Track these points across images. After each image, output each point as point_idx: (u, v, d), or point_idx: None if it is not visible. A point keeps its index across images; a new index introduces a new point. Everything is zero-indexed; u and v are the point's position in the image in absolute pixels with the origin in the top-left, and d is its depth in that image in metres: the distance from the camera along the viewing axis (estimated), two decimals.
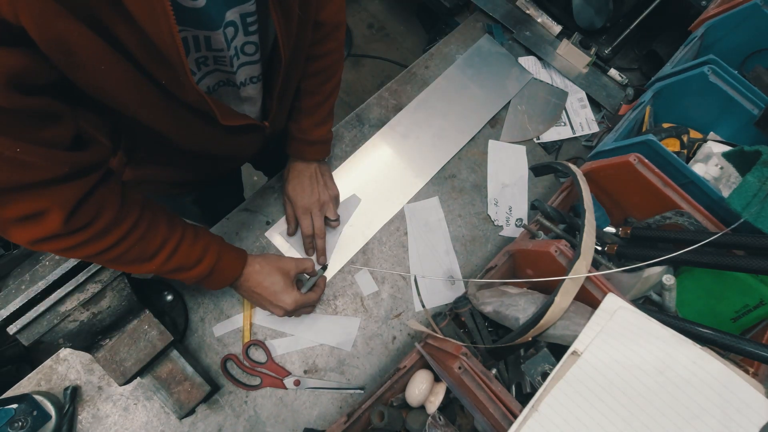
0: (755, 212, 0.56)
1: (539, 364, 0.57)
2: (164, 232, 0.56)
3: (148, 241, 0.54)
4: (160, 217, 0.57)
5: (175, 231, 0.57)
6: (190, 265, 0.59)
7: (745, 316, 0.62)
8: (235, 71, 0.53)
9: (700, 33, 0.87)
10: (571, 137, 1.01)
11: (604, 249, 0.66)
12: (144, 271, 0.56)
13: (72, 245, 0.48)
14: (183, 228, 0.59)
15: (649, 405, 0.46)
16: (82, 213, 0.47)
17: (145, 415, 0.69)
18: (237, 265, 0.65)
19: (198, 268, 0.60)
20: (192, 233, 0.60)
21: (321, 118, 0.76)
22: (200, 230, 0.62)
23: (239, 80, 0.55)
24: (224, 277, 0.64)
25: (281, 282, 0.68)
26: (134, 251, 0.53)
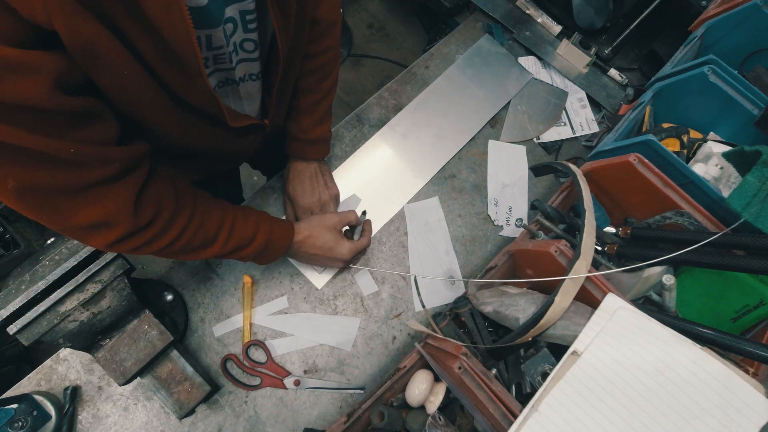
0: (755, 212, 0.56)
1: (539, 364, 0.57)
2: (219, 215, 0.58)
3: (208, 225, 0.56)
4: (210, 201, 0.59)
5: (227, 212, 0.60)
6: (246, 242, 0.61)
7: (745, 316, 0.61)
8: (233, 67, 0.53)
9: (700, 33, 0.87)
10: (571, 137, 1.01)
11: (604, 249, 0.66)
12: (207, 256, 0.58)
13: (144, 242, 0.50)
14: (233, 208, 0.62)
15: (649, 405, 0.46)
16: (145, 208, 0.49)
17: (145, 415, 0.69)
18: (288, 234, 0.68)
19: (254, 243, 0.62)
20: (241, 211, 0.62)
21: (320, 117, 0.76)
22: (246, 208, 0.64)
23: (238, 76, 0.55)
24: (279, 246, 0.67)
25: (333, 237, 0.72)
26: (198, 237, 0.56)
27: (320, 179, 0.81)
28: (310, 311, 0.78)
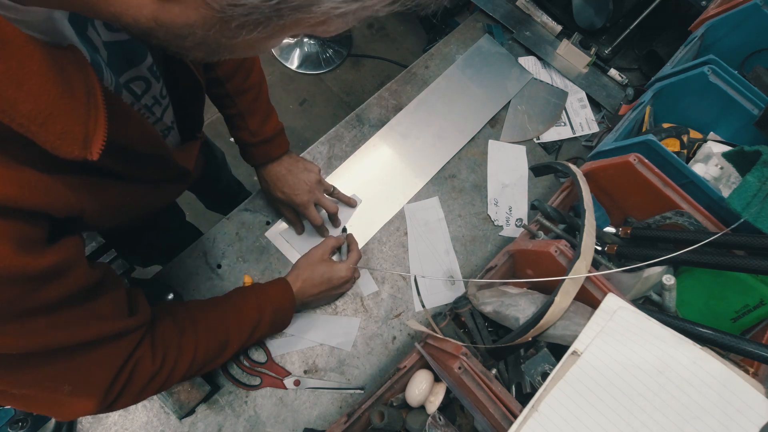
0: (755, 212, 0.56)
1: (539, 364, 0.57)
2: (221, 318, 0.58)
3: (215, 333, 0.57)
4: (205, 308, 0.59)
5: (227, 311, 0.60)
6: (256, 322, 0.62)
7: (745, 316, 0.61)
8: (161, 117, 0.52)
9: (700, 33, 0.87)
10: (571, 137, 1.01)
11: (604, 249, 0.66)
12: (230, 355, 0.59)
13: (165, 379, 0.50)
14: (228, 302, 0.62)
15: (649, 405, 0.46)
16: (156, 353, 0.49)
17: (145, 415, 0.69)
18: (286, 290, 0.68)
19: (264, 320, 0.63)
20: (236, 299, 0.62)
21: (264, 113, 0.75)
22: (236, 293, 0.64)
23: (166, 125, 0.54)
24: (286, 307, 0.67)
25: (325, 268, 0.72)
26: (213, 349, 0.56)
27: (298, 168, 0.79)
28: (310, 311, 0.78)
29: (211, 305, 0.60)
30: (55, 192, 0.32)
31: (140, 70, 0.44)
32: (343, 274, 0.73)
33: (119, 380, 0.44)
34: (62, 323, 0.36)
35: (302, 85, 2.00)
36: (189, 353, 0.53)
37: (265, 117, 0.75)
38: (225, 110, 0.73)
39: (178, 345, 0.52)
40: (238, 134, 0.75)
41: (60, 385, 0.39)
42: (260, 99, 0.74)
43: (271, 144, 0.76)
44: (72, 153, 0.29)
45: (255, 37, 0.28)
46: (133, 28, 0.26)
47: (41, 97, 0.27)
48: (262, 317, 0.63)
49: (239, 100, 0.71)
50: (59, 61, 0.28)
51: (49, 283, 0.33)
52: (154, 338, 0.49)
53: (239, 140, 0.76)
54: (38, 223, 0.32)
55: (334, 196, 0.84)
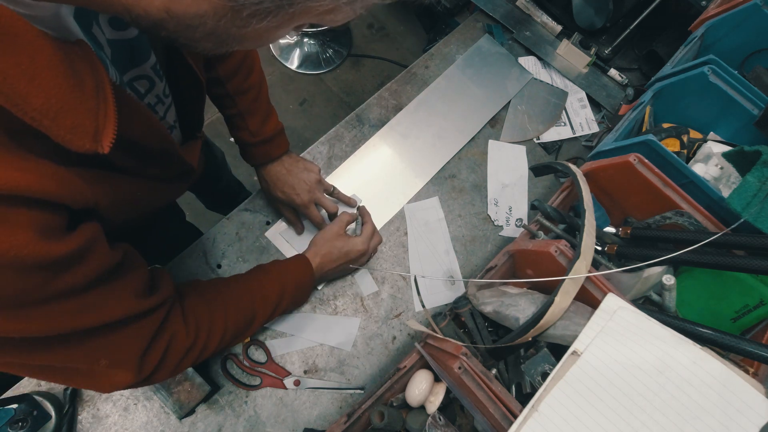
0: (755, 212, 0.56)
1: (539, 364, 0.57)
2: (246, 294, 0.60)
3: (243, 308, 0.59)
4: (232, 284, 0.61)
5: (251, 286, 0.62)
6: (279, 297, 0.64)
7: (745, 316, 0.61)
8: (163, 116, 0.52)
9: (700, 33, 0.87)
10: (571, 137, 1.01)
11: (604, 249, 0.66)
12: (256, 329, 0.62)
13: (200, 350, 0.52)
14: (253, 279, 0.64)
15: (649, 405, 0.46)
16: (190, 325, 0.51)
17: (145, 415, 0.69)
18: (307, 266, 0.70)
19: (287, 295, 0.65)
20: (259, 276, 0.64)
21: (264, 113, 0.75)
22: (259, 270, 0.66)
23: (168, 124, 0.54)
24: (307, 283, 0.69)
25: (342, 243, 0.73)
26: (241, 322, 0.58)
27: (298, 168, 0.79)
28: (310, 311, 0.78)
29: (236, 282, 0.62)
30: (71, 183, 0.32)
31: (144, 68, 0.44)
32: (360, 247, 0.74)
33: (153, 354, 0.45)
34: (86, 305, 0.37)
35: (302, 85, 2.00)
36: (220, 327, 0.55)
37: (265, 117, 0.75)
38: (225, 110, 0.73)
39: (210, 319, 0.54)
40: (238, 134, 0.75)
41: (96, 359, 0.40)
42: (260, 99, 0.74)
43: (271, 144, 0.76)
44: (83, 146, 0.29)
45: (265, 27, 0.28)
46: (143, 20, 0.27)
47: (52, 91, 0.27)
48: (285, 293, 0.65)
49: (239, 99, 0.71)
50: (69, 56, 0.29)
51: (72, 267, 0.34)
52: (185, 314, 0.51)
53: (239, 140, 0.76)
54: (58, 211, 0.32)
55: (334, 196, 0.84)
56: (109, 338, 0.41)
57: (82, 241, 0.34)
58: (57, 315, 0.35)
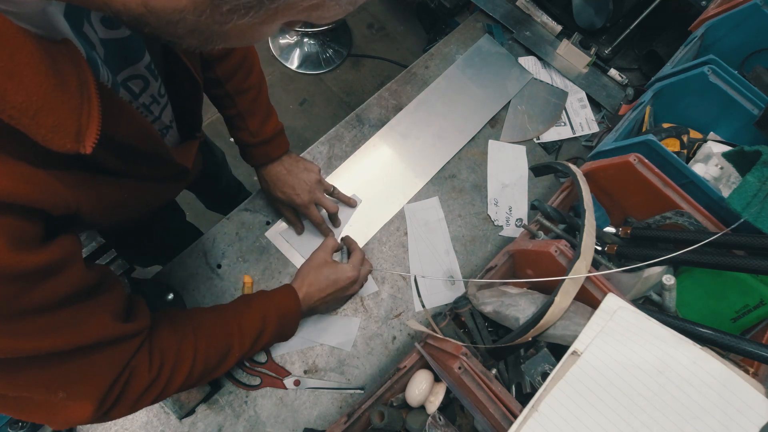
0: (755, 212, 0.56)
1: (539, 364, 0.57)
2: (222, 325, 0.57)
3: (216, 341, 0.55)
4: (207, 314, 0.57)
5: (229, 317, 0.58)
6: (260, 331, 0.60)
7: (745, 316, 0.62)
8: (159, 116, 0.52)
9: (700, 33, 0.87)
10: (571, 137, 1.01)
11: (604, 249, 0.66)
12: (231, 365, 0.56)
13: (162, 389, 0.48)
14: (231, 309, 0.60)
15: (649, 405, 0.46)
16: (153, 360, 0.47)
17: (145, 415, 0.69)
18: (292, 297, 0.66)
19: (269, 328, 0.61)
20: (240, 307, 0.61)
21: (264, 113, 0.74)
22: (241, 300, 0.63)
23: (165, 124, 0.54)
24: (292, 315, 0.65)
25: (330, 270, 0.70)
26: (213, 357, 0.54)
27: (298, 168, 0.78)
28: None
29: (213, 312, 0.58)
30: (50, 187, 0.31)
31: (138, 68, 0.44)
32: (350, 274, 0.71)
33: (115, 388, 0.42)
34: (57, 325, 0.35)
35: (302, 85, 2.00)
36: (188, 361, 0.51)
37: (265, 117, 0.75)
38: (225, 111, 0.73)
39: (176, 352, 0.50)
40: (238, 135, 0.75)
41: (54, 390, 0.37)
42: (260, 99, 0.73)
43: (270, 144, 0.76)
44: (64, 146, 0.29)
45: (247, 23, 0.27)
46: (124, 15, 0.26)
47: (32, 89, 0.26)
48: (266, 325, 0.60)
49: (239, 100, 0.71)
50: (52, 54, 0.28)
51: (44, 282, 0.32)
52: (152, 346, 0.47)
53: (239, 141, 0.76)
54: (33, 219, 0.31)
55: (334, 196, 0.84)
56: (78, 364, 0.38)
57: (58, 254, 0.33)
58: (24, 333, 0.32)
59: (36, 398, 0.37)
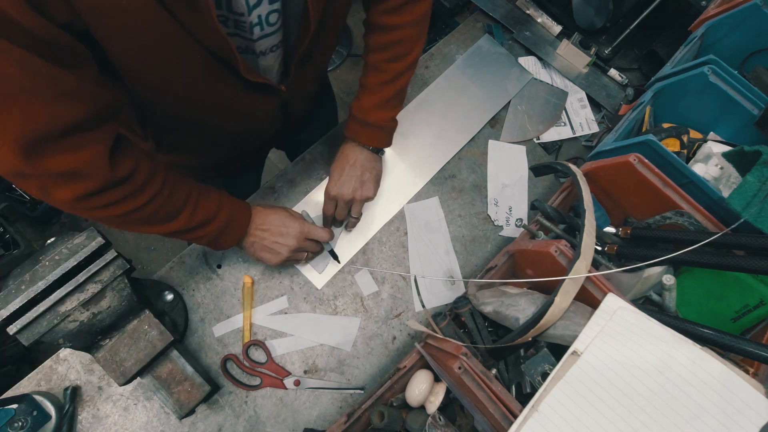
0: (755, 212, 0.56)
1: (539, 364, 0.57)
2: (185, 188, 0.58)
3: (176, 196, 0.56)
4: (179, 176, 0.59)
5: (193, 187, 0.60)
6: (210, 217, 0.61)
7: (745, 316, 0.62)
8: (255, 39, 0.52)
9: (700, 33, 0.87)
10: (571, 137, 1.01)
11: (604, 249, 0.66)
12: (169, 230, 0.58)
13: (115, 199, 0.49)
14: (197, 184, 0.61)
15: (649, 405, 0.46)
16: (122, 163, 0.48)
17: (145, 415, 0.69)
18: (247, 213, 0.67)
19: (217, 219, 0.61)
20: (205, 188, 0.62)
21: (383, 100, 0.72)
22: (208, 187, 0.63)
23: (259, 49, 0.54)
24: (239, 224, 0.65)
25: (291, 220, 0.70)
26: (166, 207, 0.55)
27: (359, 172, 0.76)
28: (310, 311, 0.78)
29: (183, 178, 0.59)
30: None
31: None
32: (295, 228, 0.69)
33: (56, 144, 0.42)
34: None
35: None
36: (149, 193, 0.52)
37: (382, 104, 0.72)
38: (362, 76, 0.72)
39: (145, 179, 0.51)
40: (352, 101, 0.74)
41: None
42: (388, 87, 0.71)
43: (366, 129, 0.74)
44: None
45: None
46: None
47: None
48: (217, 216, 0.61)
49: (369, 74, 0.70)
50: None
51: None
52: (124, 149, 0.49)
53: (349, 107, 0.75)
54: None
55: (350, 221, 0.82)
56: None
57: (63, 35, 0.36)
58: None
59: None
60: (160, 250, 1.66)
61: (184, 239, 0.62)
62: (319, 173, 0.88)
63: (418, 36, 0.68)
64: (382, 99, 0.72)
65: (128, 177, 0.49)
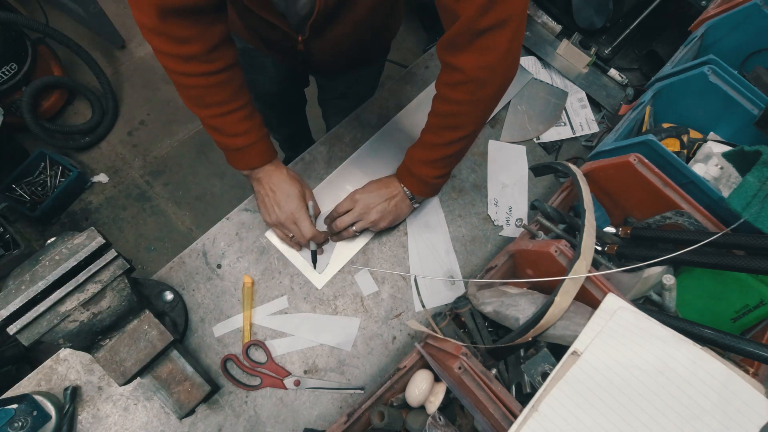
0: (755, 212, 0.56)
1: (539, 364, 0.57)
2: (228, 94, 0.67)
3: (228, 93, 0.67)
4: (236, 82, 0.68)
5: (237, 100, 0.68)
6: (227, 133, 0.70)
7: (745, 316, 0.62)
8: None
9: (700, 33, 0.87)
10: (571, 137, 1.01)
11: (604, 249, 0.66)
12: (197, 114, 0.69)
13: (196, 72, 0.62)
14: (244, 103, 0.69)
15: (649, 405, 0.46)
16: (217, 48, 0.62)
17: (145, 415, 0.69)
18: (263, 158, 0.75)
19: (232, 140, 0.71)
20: (247, 112, 0.70)
21: (430, 159, 0.73)
22: (255, 115, 0.72)
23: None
24: (247, 161, 0.74)
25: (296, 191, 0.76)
26: (216, 95, 0.66)
27: (387, 205, 0.78)
28: (310, 311, 0.78)
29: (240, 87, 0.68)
30: None
31: None
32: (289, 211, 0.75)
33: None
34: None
35: None
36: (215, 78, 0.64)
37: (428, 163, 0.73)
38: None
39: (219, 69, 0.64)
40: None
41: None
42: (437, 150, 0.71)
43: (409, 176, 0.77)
44: None
45: None
46: None
47: None
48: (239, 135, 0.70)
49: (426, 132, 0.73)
50: None
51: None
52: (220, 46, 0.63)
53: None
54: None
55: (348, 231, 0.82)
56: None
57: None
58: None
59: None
60: (160, 250, 1.66)
61: (214, 136, 0.72)
62: (319, 173, 0.88)
63: (472, 114, 0.67)
64: (430, 158, 0.73)
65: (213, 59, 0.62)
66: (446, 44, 0.60)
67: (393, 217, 0.79)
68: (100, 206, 1.70)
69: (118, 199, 1.72)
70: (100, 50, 1.94)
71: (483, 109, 0.66)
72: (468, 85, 0.61)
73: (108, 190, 1.73)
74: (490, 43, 0.56)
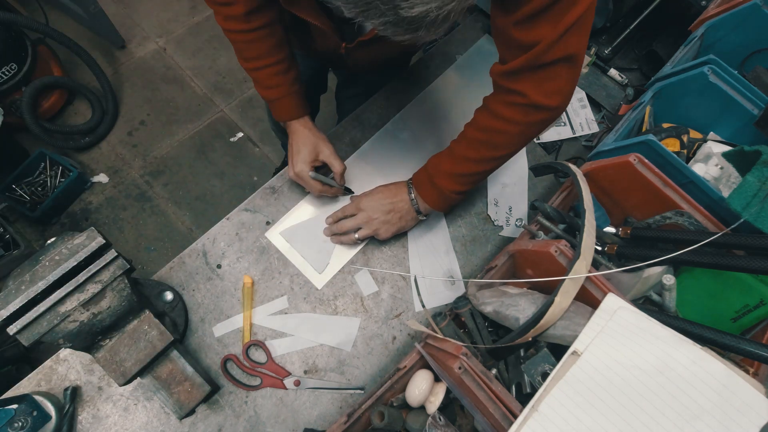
0: (755, 212, 0.56)
1: (539, 364, 0.57)
2: (264, 50, 0.72)
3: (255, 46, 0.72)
4: (273, 38, 0.72)
5: (272, 56, 0.73)
6: (262, 85, 0.77)
7: (745, 316, 0.61)
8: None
9: (700, 33, 0.87)
10: (571, 137, 1.01)
11: (604, 249, 0.66)
12: (242, 66, 0.76)
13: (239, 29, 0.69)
14: (279, 59, 0.74)
15: (649, 405, 0.46)
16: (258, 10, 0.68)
17: (145, 416, 0.69)
18: (291, 113, 0.79)
19: (266, 92, 0.77)
20: (281, 68, 0.75)
21: (457, 173, 0.71)
22: (290, 72, 0.76)
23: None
24: (278, 113, 0.80)
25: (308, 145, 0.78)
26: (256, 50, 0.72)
27: (392, 216, 0.77)
28: (310, 311, 0.78)
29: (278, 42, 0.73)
30: None
31: None
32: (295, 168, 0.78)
33: None
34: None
35: None
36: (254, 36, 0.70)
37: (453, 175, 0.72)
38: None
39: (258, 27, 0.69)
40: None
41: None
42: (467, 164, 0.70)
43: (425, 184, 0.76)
44: None
45: None
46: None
47: None
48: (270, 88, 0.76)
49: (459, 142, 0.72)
50: None
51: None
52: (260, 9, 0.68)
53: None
54: None
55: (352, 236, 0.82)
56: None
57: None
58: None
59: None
60: (160, 250, 1.66)
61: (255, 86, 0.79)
62: None
63: (521, 139, 0.67)
64: (457, 171, 0.71)
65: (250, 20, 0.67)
66: (508, 72, 0.60)
67: (396, 230, 0.80)
68: (100, 206, 1.70)
69: (118, 199, 1.72)
70: (100, 50, 1.94)
71: (528, 134, 0.66)
72: (527, 108, 0.62)
73: (108, 190, 1.73)
74: (555, 74, 0.57)
